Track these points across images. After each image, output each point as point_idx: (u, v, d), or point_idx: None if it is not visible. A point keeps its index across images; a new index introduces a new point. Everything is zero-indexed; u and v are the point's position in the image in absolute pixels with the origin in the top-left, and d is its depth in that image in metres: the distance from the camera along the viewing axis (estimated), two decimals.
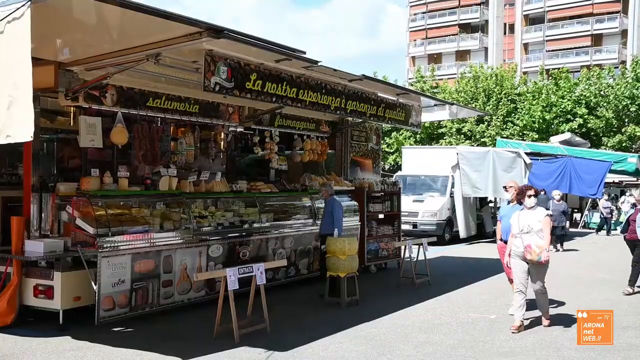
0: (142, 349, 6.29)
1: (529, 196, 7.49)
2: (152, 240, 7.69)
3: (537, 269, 7.36)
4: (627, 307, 8.77)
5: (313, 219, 10.61)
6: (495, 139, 30.10)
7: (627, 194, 29.39)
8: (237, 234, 9.13)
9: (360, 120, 11.13)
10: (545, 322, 7.55)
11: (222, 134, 10.12)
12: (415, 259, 10.98)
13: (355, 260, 8.81)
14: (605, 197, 23.98)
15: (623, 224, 10.63)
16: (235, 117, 9.76)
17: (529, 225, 7.27)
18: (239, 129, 10.46)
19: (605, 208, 22.81)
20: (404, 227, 14.74)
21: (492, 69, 45.23)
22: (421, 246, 10.85)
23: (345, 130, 12.26)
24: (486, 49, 60.97)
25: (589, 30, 54.70)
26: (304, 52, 7.42)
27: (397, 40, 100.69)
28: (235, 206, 9.43)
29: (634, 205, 10.00)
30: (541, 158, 20.54)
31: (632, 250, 10.13)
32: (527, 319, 7.63)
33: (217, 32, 5.88)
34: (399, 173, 21.09)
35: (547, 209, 16.62)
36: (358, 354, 6.29)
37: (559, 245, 16.18)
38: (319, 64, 7.87)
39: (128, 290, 7.38)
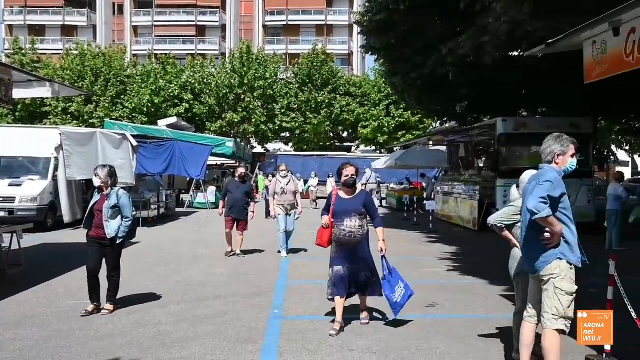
0: None
1: None
2: None
3: None
4: (219, 279, 9.62)
5: None
6: (104, 121, 29.45)
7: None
8: None
9: None
10: None
11: None
12: (8, 249, 9.98)
13: None
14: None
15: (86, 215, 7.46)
16: None
17: None
18: None
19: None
20: None
21: (100, 48, 44.03)
22: (15, 234, 9.91)
23: None
24: (95, 26, 59.01)
25: (194, 21, 58.00)
26: None
27: None
28: None
29: (99, 190, 7.30)
30: (150, 141, 20.94)
31: (95, 253, 7.21)
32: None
33: None
34: None
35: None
36: None
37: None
38: None
39: None
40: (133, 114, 39.14)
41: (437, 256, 12.08)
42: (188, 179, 27.48)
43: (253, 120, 41.19)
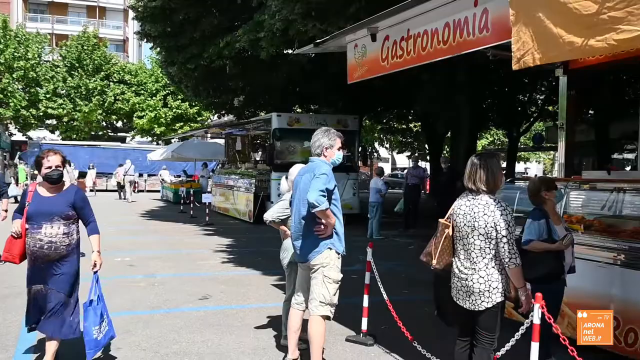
0: None
1: None
2: None
3: None
4: None
5: None
6: None
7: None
8: None
9: None
10: None
11: None
12: None
13: None
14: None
15: None
16: None
17: None
18: None
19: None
20: None
21: None
22: None
23: None
24: None
25: None
26: None
27: None
28: None
29: None
30: None
31: None
32: None
33: None
34: None
35: None
36: None
37: None
38: None
39: None
40: None
41: (213, 248, 12.09)
42: None
43: (11, 105, 37.09)
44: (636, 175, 7.60)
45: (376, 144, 43.80)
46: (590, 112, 17.44)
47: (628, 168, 15.24)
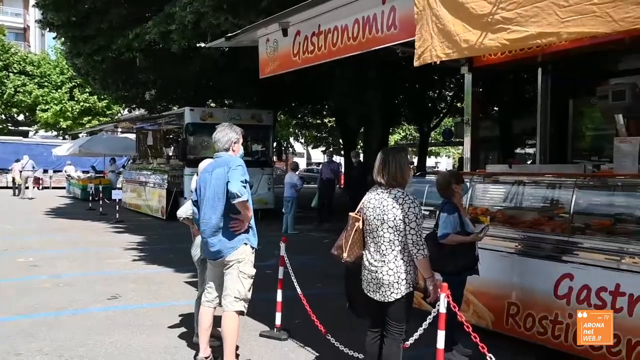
0: None
1: None
2: None
3: None
4: None
5: None
6: None
7: None
8: None
9: None
10: None
11: None
12: None
13: None
14: None
15: None
16: None
17: None
18: None
19: None
20: None
21: None
22: None
23: None
24: None
25: None
26: None
27: None
28: None
29: None
30: None
31: None
32: None
33: None
34: None
35: None
36: None
37: None
38: None
39: None
40: None
41: (123, 246, 11.71)
42: None
43: None
44: (534, 168, 8.03)
45: (291, 139, 43.86)
46: (495, 108, 18.23)
47: (529, 162, 16.07)
